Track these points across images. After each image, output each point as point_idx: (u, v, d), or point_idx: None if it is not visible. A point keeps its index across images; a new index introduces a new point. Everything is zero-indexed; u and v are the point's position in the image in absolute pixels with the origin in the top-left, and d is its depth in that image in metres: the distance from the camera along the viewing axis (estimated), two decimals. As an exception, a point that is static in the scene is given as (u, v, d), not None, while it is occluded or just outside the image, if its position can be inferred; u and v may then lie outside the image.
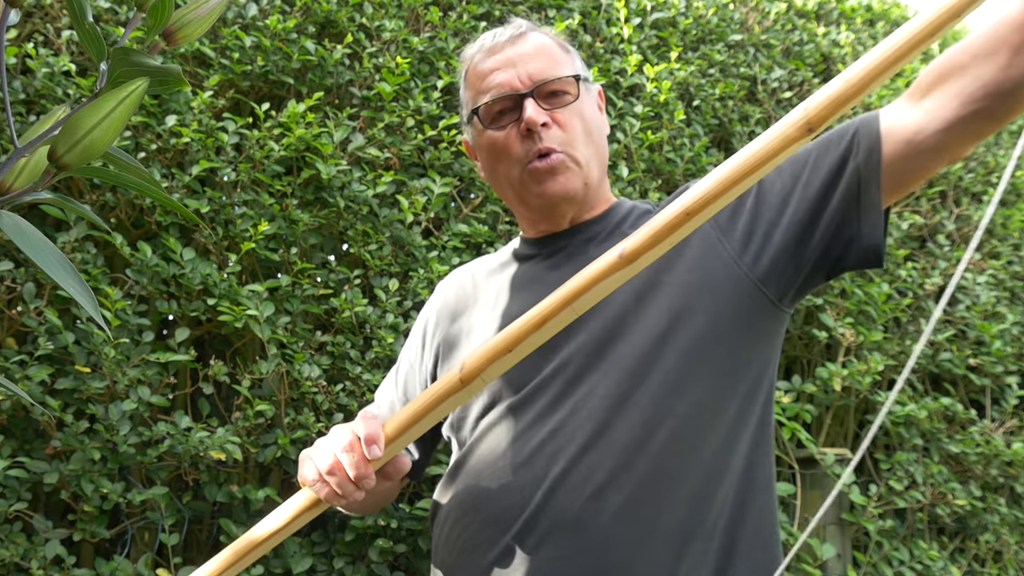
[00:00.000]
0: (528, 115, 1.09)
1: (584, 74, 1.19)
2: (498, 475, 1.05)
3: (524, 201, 1.17)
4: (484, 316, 1.19)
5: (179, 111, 2.07)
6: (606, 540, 0.97)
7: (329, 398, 1.98)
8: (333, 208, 2.12)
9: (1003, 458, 2.74)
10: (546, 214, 1.17)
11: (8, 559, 1.72)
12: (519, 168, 1.13)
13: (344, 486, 0.93)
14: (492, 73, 1.14)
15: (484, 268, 1.28)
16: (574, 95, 1.13)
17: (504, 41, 1.15)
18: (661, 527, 0.98)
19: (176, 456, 1.89)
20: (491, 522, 1.04)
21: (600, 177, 1.18)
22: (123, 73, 0.52)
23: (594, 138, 1.16)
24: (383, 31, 2.36)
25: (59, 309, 1.92)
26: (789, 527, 2.40)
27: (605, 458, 1.00)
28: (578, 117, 1.14)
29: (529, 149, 1.11)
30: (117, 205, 2.02)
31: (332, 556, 1.98)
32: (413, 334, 1.32)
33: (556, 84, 1.13)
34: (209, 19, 0.57)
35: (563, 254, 1.17)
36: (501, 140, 1.13)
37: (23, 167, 0.61)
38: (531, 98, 1.10)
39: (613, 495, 0.98)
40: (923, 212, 3.05)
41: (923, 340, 0.58)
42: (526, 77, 1.12)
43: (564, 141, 1.11)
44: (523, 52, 1.14)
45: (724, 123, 2.83)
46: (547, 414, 1.05)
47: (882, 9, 3.59)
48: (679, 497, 1.00)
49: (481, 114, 1.15)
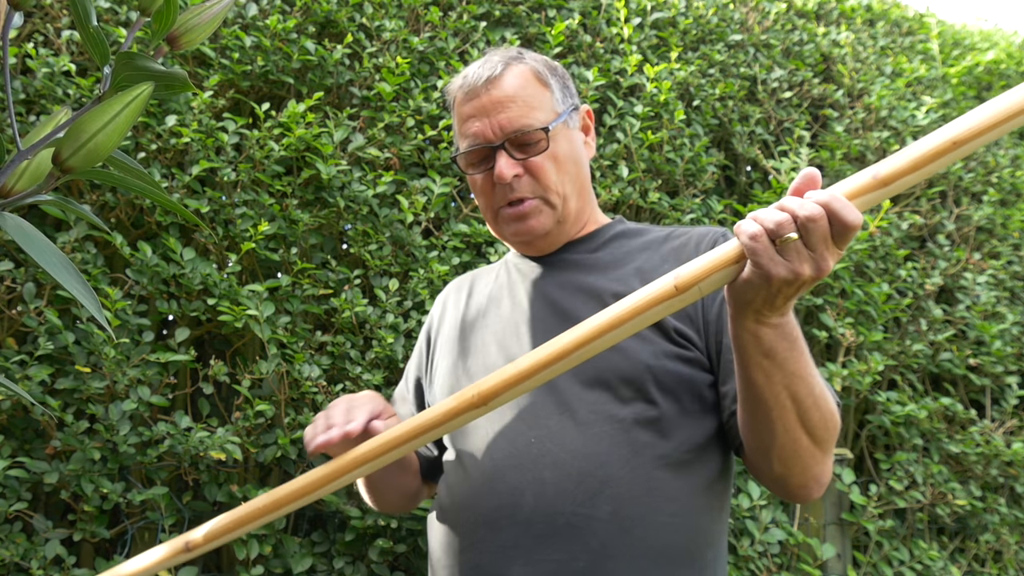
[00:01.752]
0: (498, 170, 1.14)
1: (560, 109, 1.20)
2: (489, 475, 1.06)
3: (500, 236, 1.24)
4: (482, 321, 1.23)
5: (179, 111, 2.07)
6: (601, 547, 0.99)
7: (329, 398, 1.98)
8: (333, 208, 2.12)
9: (1003, 458, 2.74)
10: (524, 249, 1.24)
11: (8, 559, 1.72)
12: (492, 212, 1.20)
13: (333, 418, 1.06)
14: (468, 120, 1.18)
15: (482, 276, 1.33)
16: (545, 144, 1.16)
17: (480, 85, 1.17)
18: (652, 543, 1.00)
19: (176, 456, 1.89)
20: (483, 522, 1.05)
21: (579, 205, 1.22)
22: (127, 77, 0.52)
23: (570, 174, 1.19)
24: (383, 31, 2.35)
25: (59, 309, 1.92)
26: (789, 527, 2.40)
27: (595, 467, 1.01)
28: (551, 161, 1.16)
29: (501, 196, 1.16)
30: (117, 205, 2.02)
31: (332, 556, 1.98)
32: (417, 345, 1.37)
33: (526, 137, 1.15)
34: (212, 24, 0.56)
35: (550, 269, 1.22)
36: (479, 183, 1.19)
37: (25, 169, 0.61)
38: (503, 150, 1.14)
39: (604, 504, 1.00)
40: (923, 212, 3.05)
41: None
42: (498, 128, 1.15)
43: (536, 188, 1.16)
44: (497, 99, 1.15)
45: (724, 123, 2.83)
46: (538, 417, 1.06)
47: (882, 9, 3.59)
48: (668, 515, 1.01)
49: (460, 161, 1.20)
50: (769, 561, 2.36)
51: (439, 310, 1.34)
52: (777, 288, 0.84)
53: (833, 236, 0.82)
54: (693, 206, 2.56)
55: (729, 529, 2.33)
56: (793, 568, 2.41)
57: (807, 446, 0.98)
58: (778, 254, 0.83)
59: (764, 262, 0.83)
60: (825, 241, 0.82)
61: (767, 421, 0.96)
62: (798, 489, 1.03)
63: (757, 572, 2.33)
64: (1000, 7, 12.09)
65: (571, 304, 1.13)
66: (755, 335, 0.90)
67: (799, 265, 0.83)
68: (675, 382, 1.06)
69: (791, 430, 0.96)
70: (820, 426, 0.97)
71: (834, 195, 0.82)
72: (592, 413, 1.05)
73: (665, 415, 1.05)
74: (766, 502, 2.35)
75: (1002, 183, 3.25)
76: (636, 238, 1.22)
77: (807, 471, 1.01)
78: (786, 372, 0.92)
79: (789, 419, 0.95)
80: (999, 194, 3.15)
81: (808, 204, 0.82)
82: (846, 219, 0.81)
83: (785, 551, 2.43)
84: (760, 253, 0.83)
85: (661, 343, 1.07)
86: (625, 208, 2.50)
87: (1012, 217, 3.17)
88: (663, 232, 1.22)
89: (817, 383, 0.96)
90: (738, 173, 2.92)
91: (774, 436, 0.97)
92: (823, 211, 0.81)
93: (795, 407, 0.95)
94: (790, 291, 0.84)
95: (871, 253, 2.80)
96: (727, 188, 2.93)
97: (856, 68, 3.18)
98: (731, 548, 2.33)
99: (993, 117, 0.79)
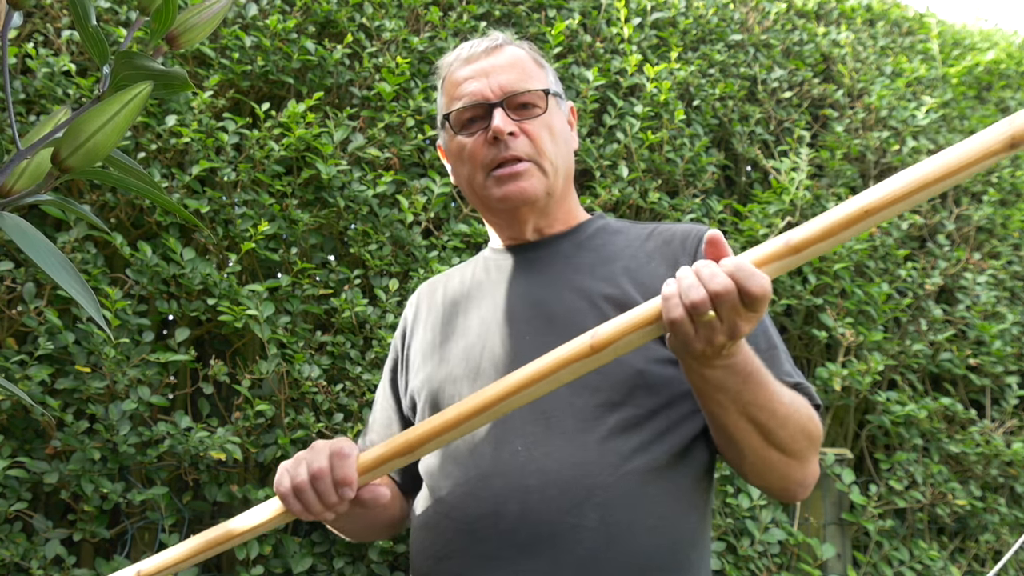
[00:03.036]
0: (495, 124, 1.12)
1: (555, 89, 1.21)
2: (471, 483, 1.05)
3: (487, 205, 1.20)
4: (457, 321, 1.20)
5: (179, 111, 2.07)
6: (587, 556, 0.98)
7: (329, 398, 1.98)
8: (333, 208, 2.12)
9: (1003, 458, 2.74)
10: (507, 218, 1.20)
11: (8, 559, 1.72)
12: (483, 173, 1.16)
13: (312, 506, 0.98)
14: (465, 82, 1.17)
15: (456, 275, 1.30)
16: (543, 108, 1.16)
17: (480, 52, 1.18)
18: (638, 550, 0.99)
19: (176, 456, 1.89)
20: (465, 530, 1.03)
21: (565, 189, 1.21)
22: (126, 76, 0.52)
23: (561, 151, 1.18)
24: (383, 31, 2.36)
25: (59, 309, 1.92)
26: (789, 527, 2.40)
27: (581, 475, 1.00)
28: (546, 129, 1.16)
29: (495, 155, 1.14)
30: (117, 205, 2.02)
31: (332, 556, 1.98)
32: (392, 344, 1.33)
33: (526, 96, 1.15)
34: (212, 23, 0.56)
35: (532, 265, 1.19)
36: (469, 145, 1.17)
37: (24, 169, 0.61)
38: (500, 108, 1.14)
39: (591, 512, 0.98)
40: (923, 212, 3.05)
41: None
42: (497, 88, 1.15)
43: (530, 150, 1.14)
44: (497, 64, 1.17)
45: (724, 123, 2.83)
46: (524, 422, 1.04)
47: (882, 9, 3.59)
48: (654, 519, 1.00)
49: (452, 120, 1.18)
50: (769, 561, 2.36)
51: (412, 311, 1.31)
52: (700, 352, 0.87)
53: (744, 305, 0.84)
54: (693, 206, 2.56)
55: (729, 529, 2.33)
56: (793, 568, 2.41)
57: (778, 459, 1.00)
58: (695, 329, 0.85)
59: (682, 336, 0.87)
60: (736, 311, 0.84)
61: (732, 442, 0.99)
62: (781, 492, 1.06)
63: (757, 572, 2.33)
64: (1000, 7, 12.10)
65: (559, 305, 1.11)
66: (701, 376, 0.93)
67: (714, 336, 0.86)
68: (664, 386, 1.05)
69: (758, 449, 0.98)
70: (790, 441, 0.98)
71: (740, 265, 0.84)
72: (579, 419, 1.03)
73: (652, 419, 1.04)
74: (766, 502, 2.35)
75: (1002, 183, 3.25)
76: (619, 235, 1.20)
77: (784, 479, 1.03)
78: (742, 403, 0.94)
79: (754, 440, 0.98)
80: (999, 194, 3.15)
81: (717, 278, 0.84)
82: (752, 290, 0.83)
83: (785, 551, 2.43)
84: (678, 330, 0.86)
85: (652, 346, 1.05)
86: (625, 208, 2.50)
87: (1012, 217, 3.17)
88: (646, 229, 1.20)
89: (780, 406, 0.97)
90: (738, 173, 2.92)
91: (743, 454, 1.00)
92: (732, 284, 0.83)
93: (758, 430, 0.97)
94: (711, 351, 0.88)
95: (871, 253, 2.80)
96: (727, 188, 2.93)
97: (856, 68, 3.18)
98: (731, 548, 2.33)
99: (905, 187, 0.80)
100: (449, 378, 1.13)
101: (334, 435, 1.97)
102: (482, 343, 1.13)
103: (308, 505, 0.97)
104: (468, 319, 1.18)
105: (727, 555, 2.30)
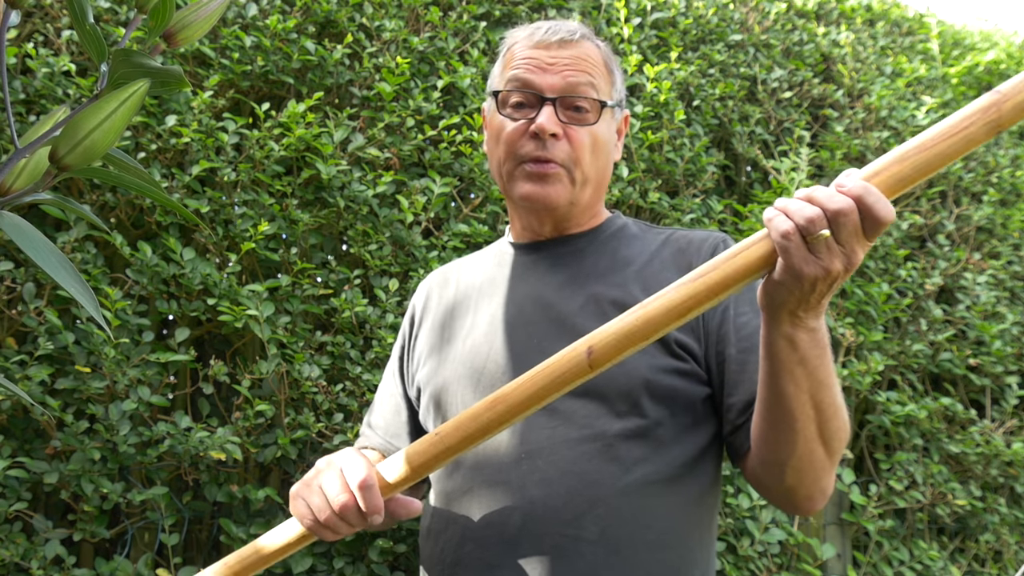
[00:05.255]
0: (541, 121, 1.09)
1: (617, 99, 1.18)
2: (477, 490, 1.04)
3: (508, 194, 1.18)
4: (466, 317, 1.19)
5: (179, 111, 2.07)
6: (588, 569, 0.97)
7: (329, 398, 1.98)
8: (333, 208, 2.12)
9: (1003, 458, 2.73)
10: (524, 214, 1.19)
11: (8, 559, 1.72)
12: (513, 162, 1.13)
13: (341, 533, 0.97)
14: (528, 63, 1.13)
15: (468, 266, 1.28)
16: (595, 118, 1.13)
17: (554, 41, 1.13)
18: (640, 563, 0.98)
19: (176, 456, 1.89)
20: (470, 538, 1.03)
21: (592, 198, 1.19)
22: (124, 74, 0.52)
23: (599, 163, 1.16)
24: (383, 31, 2.36)
25: (59, 309, 1.92)
26: (789, 527, 2.40)
27: (584, 486, 1.00)
28: (591, 139, 1.13)
29: (530, 150, 1.11)
30: (117, 205, 2.02)
31: (332, 556, 1.98)
32: (401, 330, 1.33)
33: (581, 101, 1.12)
34: (210, 21, 0.56)
35: (546, 265, 1.18)
36: (507, 129, 1.14)
37: (23, 168, 0.61)
38: (551, 105, 1.11)
39: (591, 525, 0.98)
40: (923, 212, 3.05)
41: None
42: (557, 83, 1.11)
43: (568, 157, 1.12)
44: (566, 58, 1.12)
45: (724, 123, 2.83)
46: (530, 430, 1.04)
47: (882, 9, 3.59)
48: (657, 533, 1.00)
49: (500, 97, 1.15)
50: (769, 561, 2.35)
51: (422, 299, 1.29)
52: (810, 286, 0.81)
53: (865, 230, 0.79)
54: (693, 206, 2.56)
55: (729, 529, 2.33)
56: (793, 568, 2.41)
57: (821, 457, 0.96)
58: (809, 252, 0.80)
59: (795, 261, 0.80)
60: (856, 235, 0.79)
61: (790, 432, 0.94)
62: (804, 500, 1.01)
63: (757, 572, 2.33)
64: (1000, 7, 12.08)
65: (569, 309, 1.10)
66: (791, 340, 0.87)
67: (830, 261, 0.79)
68: (670, 396, 1.04)
69: (810, 440, 0.94)
70: (836, 436, 0.95)
71: (867, 187, 0.79)
72: (584, 427, 1.02)
73: (658, 430, 1.03)
74: (766, 502, 2.35)
75: (1002, 183, 3.25)
76: (635, 240, 1.19)
77: (816, 482, 0.99)
78: (815, 380, 0.90)
79: (810, 430, 0.93)
80: (999, 194, 3.15)
81: (838, 197, 0.79)
82: (879, 214, 0.78)
83: (785, 551, 2.43)
84: (792, 252, 0.79)
85: (660, 356, 1.05)
86: (625, 208, 2.50)
87: (1012, 217, 3.17)
88: (662, 235, 1.19)
89: (839, 392, 0.94)
90: (738, 173, 2.92)
91: (794, 448, 0.95)
92: (853, 204, 0.78)
93: (817, 417, 0.93)
94: (823, 287, 0.82)
95: (871, 253, 2.80)
96: (727, 188, 2.93)
97: (856, 68, 3.18)
98: (731, 548, 2.33)
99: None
100: (453, 378, 1.13)
101: (334, 435, 1.97)
102: (489, 344, 1.12)
103: (337, 533, 0.97)
104: (477, 316, 1.17)
105: (727, 555, 2.30)
